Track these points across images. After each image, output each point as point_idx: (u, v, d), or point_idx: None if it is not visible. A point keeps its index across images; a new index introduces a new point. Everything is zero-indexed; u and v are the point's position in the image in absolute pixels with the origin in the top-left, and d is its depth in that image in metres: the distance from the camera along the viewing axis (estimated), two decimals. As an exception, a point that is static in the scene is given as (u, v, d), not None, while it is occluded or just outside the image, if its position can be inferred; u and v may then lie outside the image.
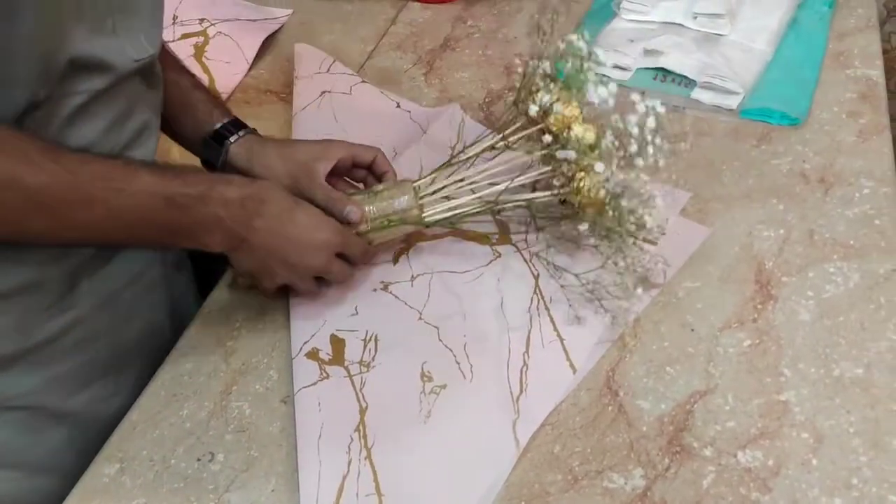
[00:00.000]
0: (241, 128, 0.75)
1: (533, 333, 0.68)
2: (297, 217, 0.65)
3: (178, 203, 0.59)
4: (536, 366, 0.65)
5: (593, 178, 0.68)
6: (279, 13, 1.13)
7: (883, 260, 0.71)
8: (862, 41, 0.98)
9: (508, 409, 0.62)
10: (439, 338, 0.69)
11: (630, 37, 0.98)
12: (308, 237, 0.66)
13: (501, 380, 0.65)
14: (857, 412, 0.60)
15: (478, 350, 0.67)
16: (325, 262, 0.67)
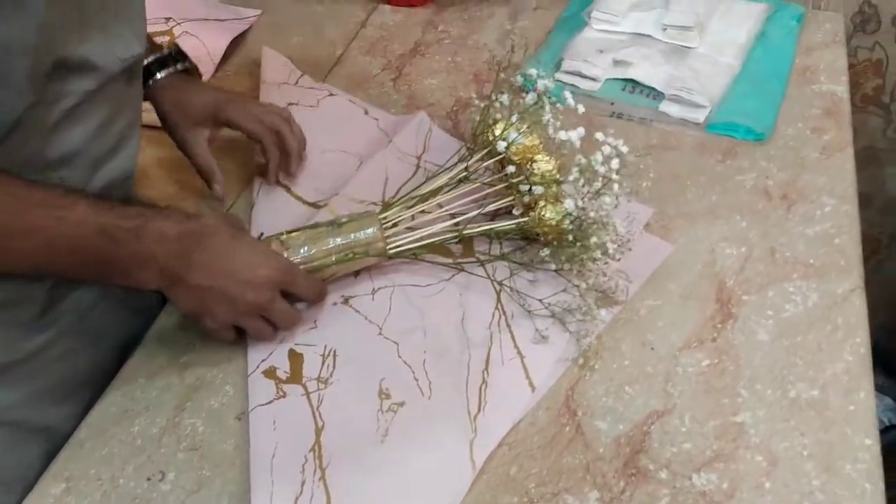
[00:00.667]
0: (167, 65, 0.78)
1: (493, 350, 0.67)
2: (237, 252, 0.63)
3: (111, 235, 0.57)
4: (495, 383, 0.65)
5: (556, 208, 0.68)
6: (248, 13, 1.11)
7: (841, 280, 0.72)
8: (829, 56, 0.99)
9: (466, 429, 0.62)
10: (399, 354, 0.68)
11: (599, 47, 0.97)
12: (249, 273, 0.63)
13: (460, 397, 0.64)
14: (811, 435, 0.61)
15: (437, 366, 0.67)
16: (268, 300, 0.64)
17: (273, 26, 1.11)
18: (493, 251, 0.75)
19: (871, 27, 1.08)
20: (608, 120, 0.91)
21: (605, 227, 0.67)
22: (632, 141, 0.87)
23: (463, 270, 0.74)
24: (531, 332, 0.68)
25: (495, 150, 0.72)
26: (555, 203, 0.68)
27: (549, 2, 1.11)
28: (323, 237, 0.69)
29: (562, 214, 0.67)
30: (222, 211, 0.81)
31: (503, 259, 0.74)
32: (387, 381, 0.66)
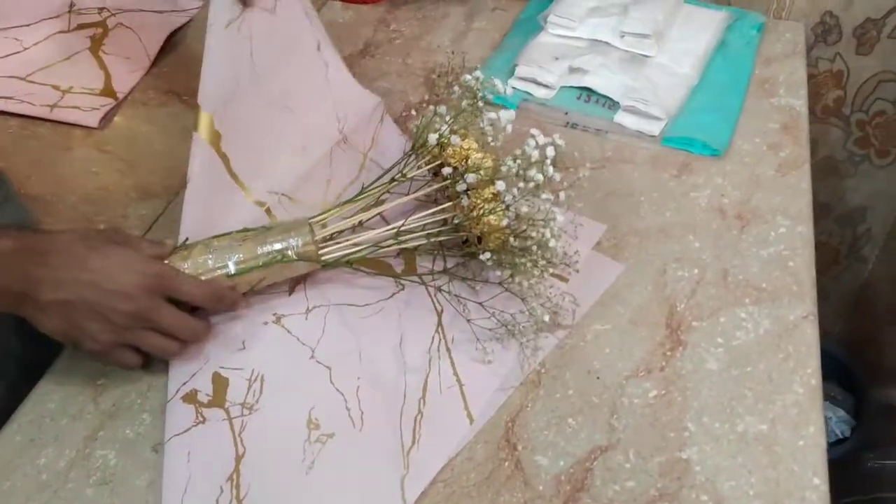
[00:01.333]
0: None
1: (431, 377, 0.64)
2: (91, 261, 0.57)
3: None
4: (432, 415, 0.61)
5: (494, 205, 0.64)
6: (188, 5, 1.05)
7: (794, 306, 0.69)
8: (788, 67, 0.96)
9: (398, 464, 0.58)
10: (331, 380, 0.64)
11: (555, 53, 0.94)
12: (111, 281, 0.57)
13: (393, 430, 0.60)
14: (759, 473, 0.58)
15: (371, 395, 0.63)
16: (148, 309, 0.58)
17: (217, 20, 1.05)
18: (437, 272, 0.71)
19: (832, 38, 1.06)
20: (562, 130, 0.87)
21: (546, 226, 0.64)
22: (586, 153, 0.85)
23: (403, 289, 0.70)
24: (472, 358, 0.65)
25: (433, 154, 0.68)
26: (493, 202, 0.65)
27: (507, 3, 1.07)
28: (250, 243, 0.64)
29: (499, 212, 0.64)
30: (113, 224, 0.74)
31: (445, 273, 0.70)
32: (316, 410, 0.62)
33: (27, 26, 0.99)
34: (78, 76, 0.93)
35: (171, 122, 0.90)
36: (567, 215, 0.70)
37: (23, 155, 0.85)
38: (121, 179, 0.82)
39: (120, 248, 0.59)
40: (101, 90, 0.92)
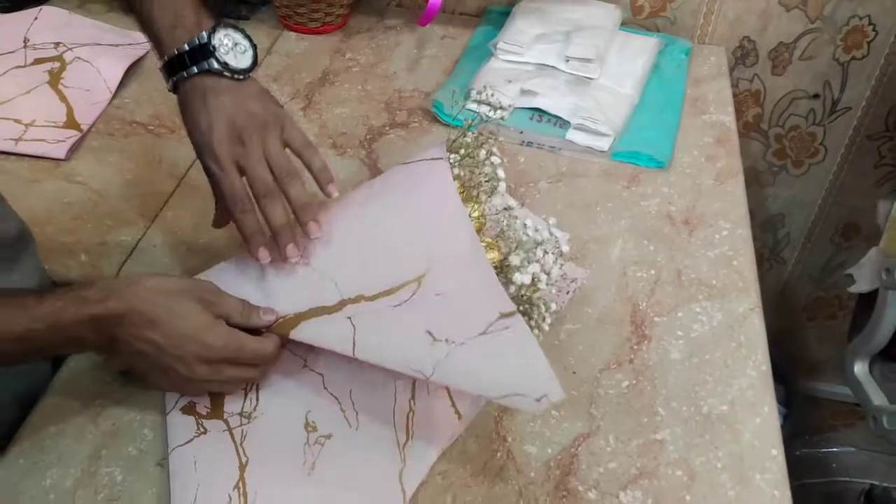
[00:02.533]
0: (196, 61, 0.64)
1: (419, 381, 0.68)
2: (160, 325, 0.59)
3: (27, 338, 0.56)
4: (422, 411, 0.65)
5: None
6: (144, 38, 1.07)
7: (741, 300, 0.77)
8: (716, 87, 1.06)
9: (395, 459, 0.62)
10: (324, 385, 0.67)
11: (507, 77, 1.00)
12: (175, 347, 0.60)
13: (388, 428, 0.64)
14: (724, 448, 0.65)
15: (364, 397, 0.66)
16: (209, 372, 0.62)
17: (173, 51, 1.07)
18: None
19: (750, 60, 1.16)
20: (518, 148, 0.94)
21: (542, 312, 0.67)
22: (542, 168, 0.91)
23: None
24: None
25: None
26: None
27: (455, 31, 1.13)
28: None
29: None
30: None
31: None
32: (312, 414, 0.65)
33: (-18, 61, 0.99)
34: (39, 110, 0.94)
35: (140, 150, 0.91)
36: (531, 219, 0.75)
37: (-9, 188, 0.85)
38: (94, 208, 0.83)
39: (197, 308, 0.61)
40: (65, 122, 0.93)
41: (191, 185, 0.87)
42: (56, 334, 0.57)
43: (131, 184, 0.87)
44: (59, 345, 0.59)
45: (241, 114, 0.64)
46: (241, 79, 0.66)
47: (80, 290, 0.58)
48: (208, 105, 0.64)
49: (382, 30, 1.13)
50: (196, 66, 0.64)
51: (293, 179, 0.65)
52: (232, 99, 0.65)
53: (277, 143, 0.66)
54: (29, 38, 1.03)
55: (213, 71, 0.64)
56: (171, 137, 0.93)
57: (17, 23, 1.05)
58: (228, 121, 0.64)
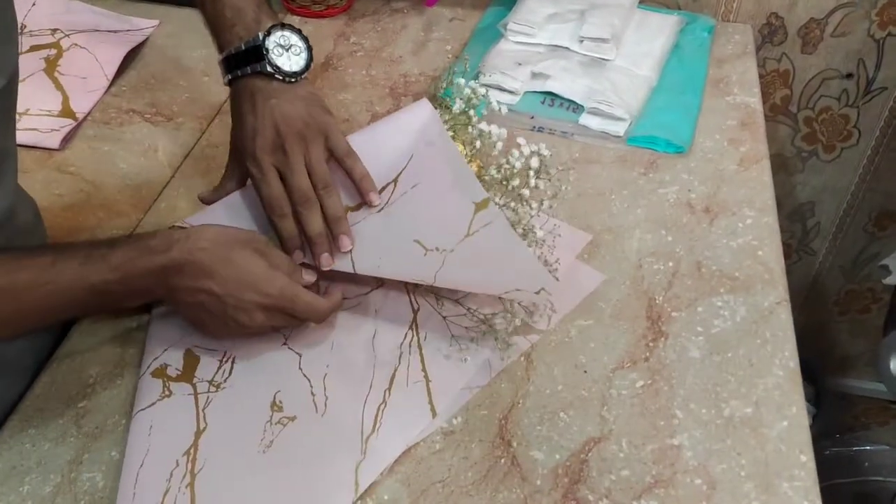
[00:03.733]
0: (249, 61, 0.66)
1: (399, 371, 0.64)
2: (218, 273, 0.60)
3: (101, 290, 0.57)
4: (396, 404, 0.62)
5: None
6: (144, 24, 1.04)
7: (767, 293, 0.72)
8: (740, 67, 1.00)
9: (355, 450, 0.59)
10: (300, 366, 0.64)
11: (517, 59, 0.96)
12: (232, 295, 0.60)
13: (355, 416, 0.61)
14: (748, 454, 0.60)
15: (338, 383, 0.63)
16: (265, 319, 0.62)
17: (172, 38, 1.04)
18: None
19: (778, 38, 1.10)
20: (529, 133, 0.89)
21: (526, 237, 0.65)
22: (554, 155, 0.85)
23: (382, 285, 0.70)
24: (441, 356, 0.65)
25: None
26: None
27: (464, 12, 1.09)
28: None
29: None
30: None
31: None
32: (282, 394, 0.62)
33: (-23, 49, 0.96)
34: (34, 98, 0.91)
35: (135, 140, 0.88)
36: (550, 223, 0.72)
37: (-19, 179, 0.82)
38: (87, 200, 0.80)
39: (253, 258, 0.61)
40: (60, 111, 0.90)
41: (186, 175, 0.83)
42: (128, 286, 0.58)
43: (125, 174, 0.84)
44: (129, 295, 0.60)
45: (286, 119, 0.65)
46: (293, 81, 0.66)
47: (146, 239, 0.59)
48: (256, 108, 0.65)
49: (388, 12, 1.09)
50: (249, 66, 0.65)
51: (329, 192, 0.66)
52: (280, 102, 0.65)
53: (319, 153, 0.66)
54: (26, 24, 1.01)
55: (264, 73, 0.65)
56: (167, 126, 0.90)
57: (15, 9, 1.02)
58: (273, 126, 0.65)
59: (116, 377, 0.64)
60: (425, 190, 0.68)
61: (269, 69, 0.65)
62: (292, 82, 0.66)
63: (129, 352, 0.66)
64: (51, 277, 0.55)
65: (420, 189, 0.68)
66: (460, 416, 0.62)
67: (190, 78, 0.97)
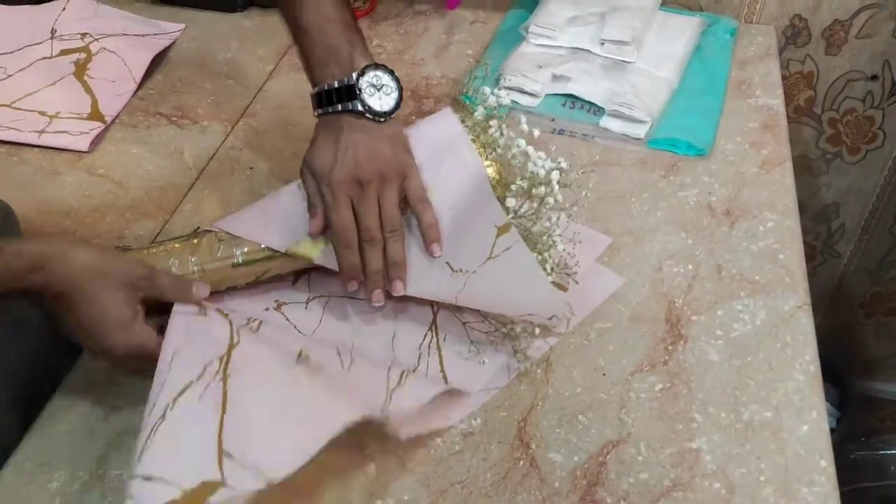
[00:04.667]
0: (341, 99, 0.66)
1: (418, 371, 0.65)
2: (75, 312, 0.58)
3: None
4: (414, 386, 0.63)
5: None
6: (170, 28, 1.06)
7: (787, 296, 0.71)
8: (763, 69, 0.99)
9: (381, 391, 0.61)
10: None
11: (538, 62, 0.96)
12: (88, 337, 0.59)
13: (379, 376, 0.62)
14: (767, 458, 0.60)
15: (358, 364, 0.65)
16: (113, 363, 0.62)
17: (198, 42, 1.06)
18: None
19: (801, 40, 1.09)
20: (550, 136, 0.89)
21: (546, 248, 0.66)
22: (574, 157, 0.87)
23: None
24: (462, 358, 0.66)
25: None
26: None
27: (486, 15, 1.09)
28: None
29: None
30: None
31: None
32: (307, 350, 0.63)
33: (10, 54, 0.99)
34: (64, 101, 0.93)
35: (161, 142, 0.90)
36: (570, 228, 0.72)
37: (11, 180, 0.84)
38: (114, 201, 0.82)
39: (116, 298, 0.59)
40: (89, 114, 0.92)
41: (211, 177, 0.85)
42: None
43: (152, 176, 0.85)
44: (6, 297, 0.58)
45: (369, 155, 0.65)
46: (382, 121, 0.67)
47: (10, 258, 0.56)
48: (340, 138, 0.66)
49: (411, 15, 1.10)
50: (340, 104, 0.66)
51: (396, 237, 0.66)
52: (365, 138, 0.66)
53: (394, 196, 0.66)
54: (56, 28, 1.03)
55: (355, 111, 0.66)
56: (193, 129, 0.91)
57: (46, 14, 1.05)
58: (354, 160, 0.65)
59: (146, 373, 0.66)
60: (456, 211, 0.68)
61: (360, 108, 0.65)
62: (381, 121, 0.67)
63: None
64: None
65: (452, 211, 0.68)
66: (479, 418, 0.63)
67: (215, 81, 0.98)
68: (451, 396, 0.63)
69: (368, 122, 0.66)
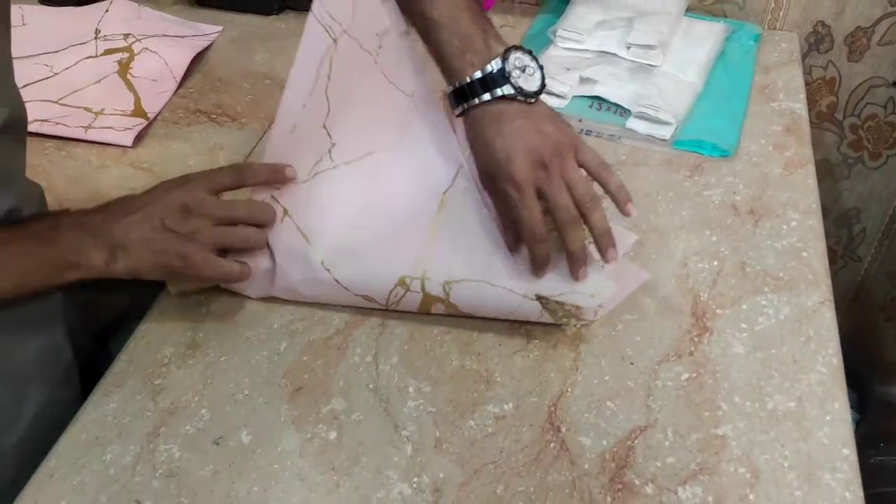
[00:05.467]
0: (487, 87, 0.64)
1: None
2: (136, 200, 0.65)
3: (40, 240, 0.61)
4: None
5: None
6: (209, 30, 1.10)
7: (810, 293, 0.73)
8: (786, 74, 1.02)
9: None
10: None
11: (566, 65, 0.99)
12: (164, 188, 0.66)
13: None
14: (791, 446, 0.62)
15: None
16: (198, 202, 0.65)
17: (235, 43, 1.10)
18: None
19: (824, 46, 1.11)
20: (577, 137, 0.92)
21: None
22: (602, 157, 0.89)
23: None
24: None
25: None
26: None
27: (514, 20, 1.12)
28: None
29: None
30: None
31: None
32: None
33: (55, 53, 1.03)
34: (108, 98, 0.97)
35: (202, 138, 0.93)
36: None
37: (61, 174, 0.88)
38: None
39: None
40: (132, 111, 0.95)
41: (250, 173, 0.88)
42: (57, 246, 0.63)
43: (192, 170, 0.88)
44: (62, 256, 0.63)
45: (536, 138, 0.63)
46: (532, 102, 0.65)
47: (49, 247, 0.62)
48: (503, 131, 0.64)
49: (442, 19, 1.13)
50: (489, 92, 0.64)
51: (595, 205, 0.65)
52: (526, 123, 0.64)
53: (576, 167, 0.65)
54: (100, 29, 1.07)
55: (506, 96, 0.64)
56: (231, 126, 0.95)
57: (90, 15, 1.09)
58: (526, 146, 0.63)
59: (188, 357, 0.69)
60: None
61: (511, 92, 0.63)
62: (532, 102, 0.65)
63: (199, 335, 0.71)
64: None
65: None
66: (511, 402, 0.65)
67: (252, 81, 1.02)
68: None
69: (521, 106, 0.64)
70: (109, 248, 0.63)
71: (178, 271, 0.65)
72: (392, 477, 0.60)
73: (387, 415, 0.64)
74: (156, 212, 0.64)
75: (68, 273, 0.63)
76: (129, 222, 0.63)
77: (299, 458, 0.61)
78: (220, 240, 0.66)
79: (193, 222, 0.64)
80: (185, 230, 0.64)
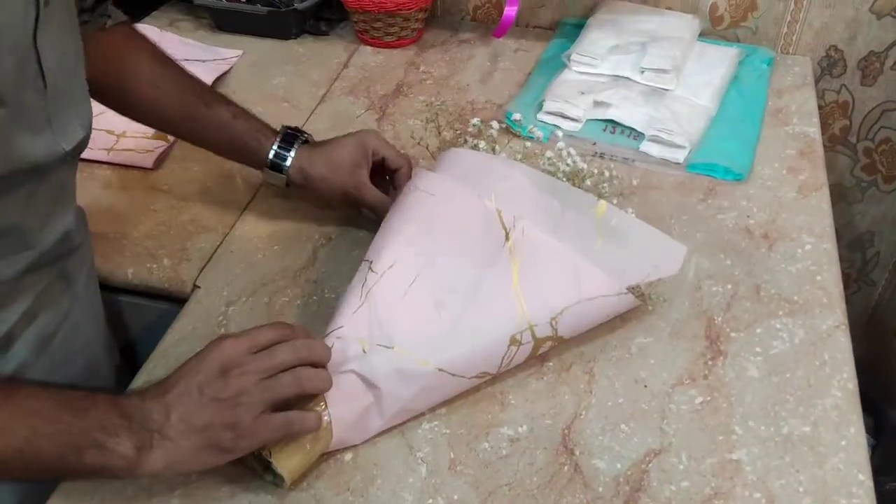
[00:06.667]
0: (290, 145, 0.80)
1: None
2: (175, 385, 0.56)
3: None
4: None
5: None
6: (229, 54, 1.12)
7: (825, 316, 0.74)
8: (799, 98, 1.02)
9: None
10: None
11: (580, 89, 1.00)
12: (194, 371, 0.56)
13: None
14: (806, 471, 0.62)
15: None
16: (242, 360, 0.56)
17: (254, 67, 1.11)
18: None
19: (837, 70, 1.12)
20: (591, 160, 0.92)
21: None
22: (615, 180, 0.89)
23: None
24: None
25: None
26: None
27: (528, 44, 1.14)
28: None
29: None
30: None
31: None
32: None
33: (79, 76, 1.05)
34: (130, 121, 0.98)
35: (220, 161, 0.94)
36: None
37: (84, 195, 0.88)
38: (177, 215, 0.87)
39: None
40: (153, 134, 0.97)
41: (265, 196, 0.89)
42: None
43: (211, 192, 0.90)
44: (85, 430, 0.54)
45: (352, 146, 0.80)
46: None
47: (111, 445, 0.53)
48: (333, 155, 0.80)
49: (456, 43, 1.15)
50: (295, 144, 0.80)
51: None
52: (337, 142, 0.80)
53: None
54: (122, 54, 1.08)
55: (306, 142, 0.81)
56: (250, 148, 0.96)
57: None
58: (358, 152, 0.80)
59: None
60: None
61: (304, 137, 0.82)
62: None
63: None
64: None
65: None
66: (525, 425, 0.65)
67: (270, 104, 1.03)
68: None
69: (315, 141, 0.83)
70: (146, 434, 0.54)
71: (228, 449, 0.55)
72: (407, 498, 0.60)
73: (401, 436, 0.65)
74: (193, 383, 0.55)
75: (88, 454, 0.53)
76: (168, 401, 0.54)
77: (315, 479, 0.62)
78: (269, 393, 0.56)
79: (234, 383, 0.55)
80: (227, 395, 0.55)
